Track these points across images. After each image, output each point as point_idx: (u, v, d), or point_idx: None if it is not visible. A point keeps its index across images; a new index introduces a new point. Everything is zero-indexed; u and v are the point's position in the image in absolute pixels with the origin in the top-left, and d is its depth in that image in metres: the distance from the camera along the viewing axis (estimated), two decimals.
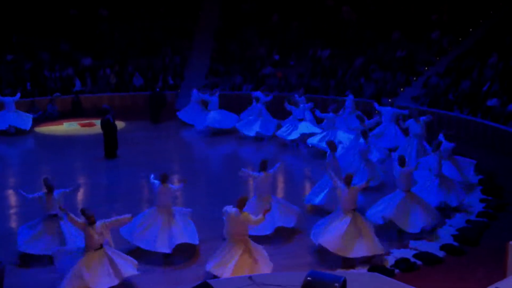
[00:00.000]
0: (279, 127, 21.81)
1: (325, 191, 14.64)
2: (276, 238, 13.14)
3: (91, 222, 10.69)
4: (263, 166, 13.43)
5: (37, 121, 24.56)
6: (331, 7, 31.73)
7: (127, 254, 11.37)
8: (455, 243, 12.93)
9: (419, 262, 12.04)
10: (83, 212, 10.90)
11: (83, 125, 24.59)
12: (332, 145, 15.03)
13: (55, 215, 12.27)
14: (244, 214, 10.87)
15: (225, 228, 11.05)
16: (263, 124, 21.92)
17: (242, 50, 30.38)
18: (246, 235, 10.99)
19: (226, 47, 30.64)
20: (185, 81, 28.83)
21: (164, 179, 12.56)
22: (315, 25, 30.96)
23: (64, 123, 24.94)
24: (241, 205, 10.92)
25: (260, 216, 10.86)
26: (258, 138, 21.84)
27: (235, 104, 24.43)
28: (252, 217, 10.90)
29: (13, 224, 14.63)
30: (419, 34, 28.92)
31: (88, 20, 30.91)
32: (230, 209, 10.94)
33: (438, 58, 27.09)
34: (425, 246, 12.73)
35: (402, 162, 13.64)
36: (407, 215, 13.22)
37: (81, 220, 10.81)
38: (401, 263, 11.91)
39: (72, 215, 10.87)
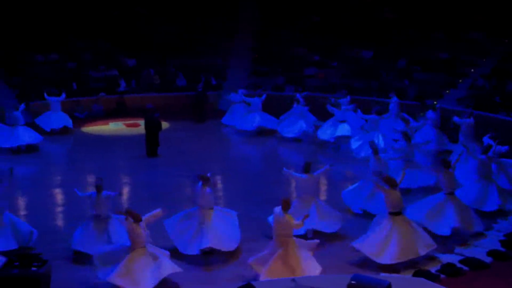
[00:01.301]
0: (317, 128, 21.72)
1: (365, 195, 14.40)
2: (319, 240, 12.88)
3: (137, 220, 10.78)
4: (307, 168, 13.26)
5: (83, 121, 24.83)
6: (372, 7, 31.31)
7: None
8: (502, 249, 12.59)
9: (465, 268, 11.72)
10: (129, 212, 10.95)
11: (128, 125, 24.79)
12: (374, 146, 14.80)
13: (102, 215, 12.34)
14: (288, 216, 10.77)
15: (273, 228, 10.98)
16: (305, 123, 21.82)
17: (283, 50, 30.24)
18: (290, 236, 10.86)
19: (267, 47, 30.57)
20: (228, 81, 28.83)
21: (205, 180, 12.49)
22: (356, 25, 30.59)
23: (110, 123, 25.21)
24: (285, 206, 10.82)
25: (300, 222, 10.76)
26: (298, 139, 21.76)
27: (276, 106, 24.33)
28: (294, 221, 10.79)
29: (59, 222, 14.79)
30: (462, 34, 28.31)
31: (129, 20, 31.12)
32: (276, 210, 10.84)
33: (484, 59, 26.49)
34: (471, 251, 12.44)
35: (446, 164, 13.35)
36: (439, 217, 12.99)
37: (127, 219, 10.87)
38: (447, 268, 11.61)
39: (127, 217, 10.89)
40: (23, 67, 27.86)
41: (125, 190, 16.70)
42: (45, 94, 23.33)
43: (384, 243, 11.61)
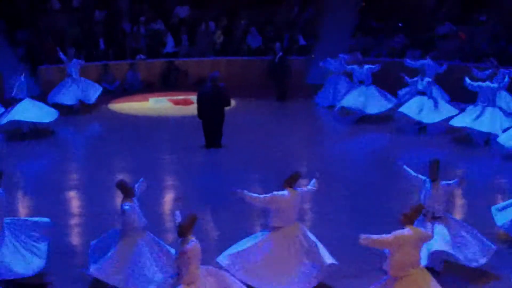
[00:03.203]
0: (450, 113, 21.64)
1: None
2: (450, 275, 12.60)
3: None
4: (434, 172, 12.89)
5: (112, 94, 25.00)
6: None
7: None
8: None
9: None
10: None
11: (176, 102, 25.13)
12: None
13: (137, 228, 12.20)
14: (416, 230, 10.52)
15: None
16: (432, 107, 21.78)
17: None
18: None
19: None
20: (321, 42, 28.85)
21: (291, 182, 12.24)
22: None
23: (150, 99, 25.57)
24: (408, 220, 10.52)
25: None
26: (421, 129, 21.86)
27: (394, 77, 23.83)
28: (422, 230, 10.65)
29: (75, 239, 14.79)
30: None
31: None
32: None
33: None
34: None
35: None
36: None
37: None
38: None
39: None
40: (30, 18, 28.39)
41: (169, 199, 16.65)
42: (61, 54, 23.68)
43: None
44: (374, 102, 22.94)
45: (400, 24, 28.88)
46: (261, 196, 12.00)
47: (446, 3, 29.41)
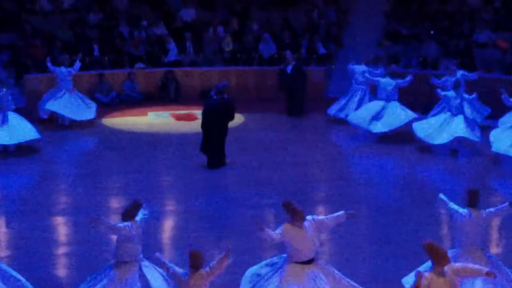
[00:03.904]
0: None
1: None
2: None
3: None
4: (473, 199, 12.94)
5: (107, 107, 25.11)
6: None
7: None
8: None
9: None
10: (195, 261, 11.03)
11: (178, 117, 25.13)
12: None
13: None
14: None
15: None
16: (463, 125, 21.49)
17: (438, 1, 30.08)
18: None
19: None
20: (344, 50, 28.94)
21: (298, 214, 12.28)
22: None
23: (149, 113, 25.53)
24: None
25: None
26: (454, 151, 21.71)
27: (425, 91, 23.80)
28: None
29: (62, 271, 14.80)
30: None
31: None
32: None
33: None
34: None
35: None
36: None
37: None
38: None
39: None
40: (16, 19, 28.47)
41: (169, 224, 16.70)
42: (49, 63, 23.63)
43: None
44: (395, 117, 22.85)
45: (432, 31, 28.85)
46: (275, 233, 12.15)
47: (485, 9, 29.39)
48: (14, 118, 21.04)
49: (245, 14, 29.96)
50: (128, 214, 12.28)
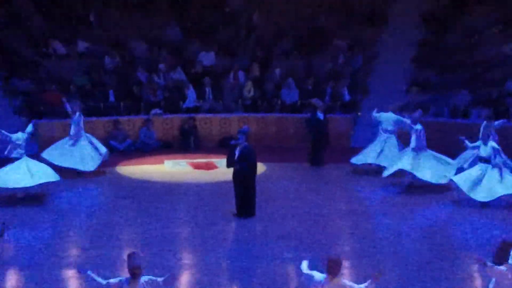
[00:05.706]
0: None
1: None
2: None
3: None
4: (503, 255, 12.50)
5: (122, 155, 25.06)
6: None
7: None
8: None
9: None
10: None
11: (197, 166, 25.23)
12: None
13: None
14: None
15: None
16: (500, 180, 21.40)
17: (468, 45, 30.07)
18: None
19: (439, 41, 30.59)
20: (370, 96, 28.99)
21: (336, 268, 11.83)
22: None
23: (166, 161, 25.57)
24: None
25: None
26: (484, 204, 21.44)
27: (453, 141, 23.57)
28: None
29: None
30: None
31: None
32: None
33: None
34: None
35: None
36: None
37: None
38: None
39: None
40: (30, 64, 28.67)
41: (185, 279, 16.17)
42: (67, 105, 23.68)
43: None
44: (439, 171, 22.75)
45: (462, 78, 28.99)
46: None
47: None
48: (29, 161, 21.13)
49: (267, 60, 29.77)
50: (134, 271, 12.17)
